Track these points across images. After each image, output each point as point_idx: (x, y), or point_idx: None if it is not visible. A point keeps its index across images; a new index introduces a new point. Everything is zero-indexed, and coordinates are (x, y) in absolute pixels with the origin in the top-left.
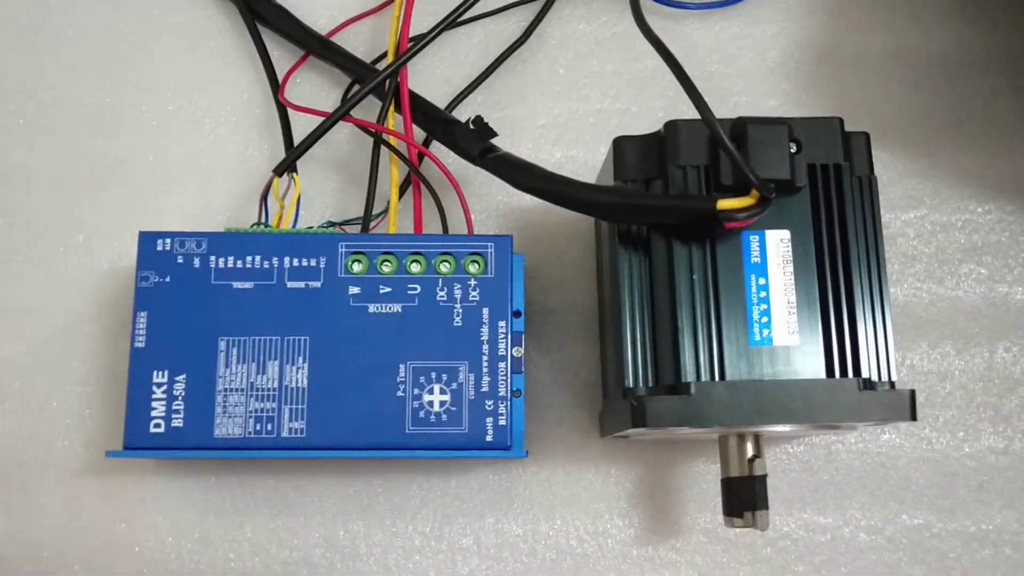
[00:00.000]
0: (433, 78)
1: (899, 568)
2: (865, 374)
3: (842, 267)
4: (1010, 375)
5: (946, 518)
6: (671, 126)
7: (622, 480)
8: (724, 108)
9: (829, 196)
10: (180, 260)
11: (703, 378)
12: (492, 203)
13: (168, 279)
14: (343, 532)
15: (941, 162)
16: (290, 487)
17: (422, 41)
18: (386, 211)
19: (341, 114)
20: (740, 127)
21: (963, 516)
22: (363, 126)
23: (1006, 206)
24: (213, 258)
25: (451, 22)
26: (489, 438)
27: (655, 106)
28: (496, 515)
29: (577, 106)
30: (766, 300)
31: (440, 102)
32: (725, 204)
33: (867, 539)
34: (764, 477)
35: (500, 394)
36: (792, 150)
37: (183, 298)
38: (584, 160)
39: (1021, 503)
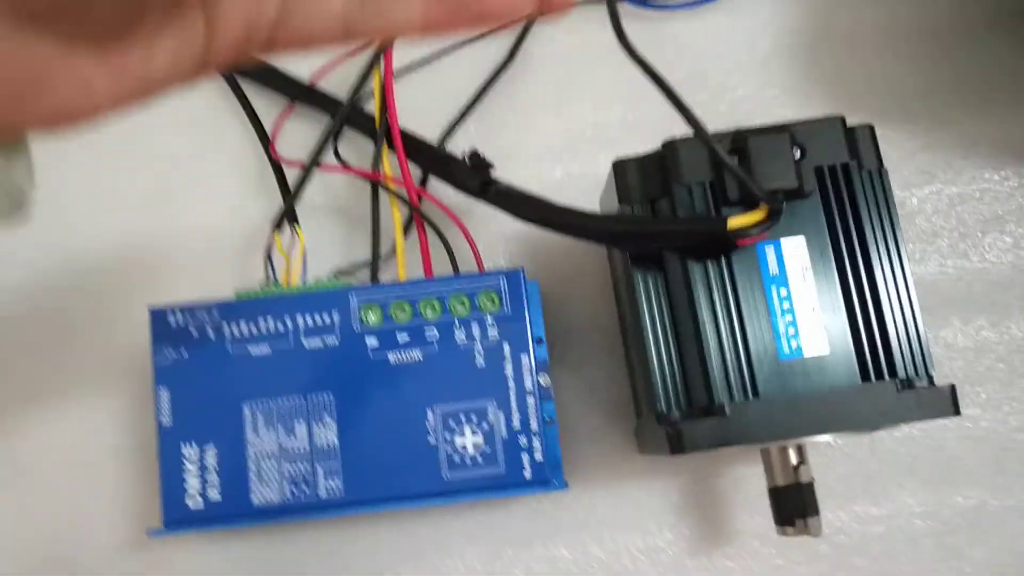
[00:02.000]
0: (423, 111)
1: (960, 551)
2: (901, 374)
3: (863, 266)
4: None
5: (1002, 495)
6: (670, 146)
7: (667, 492)
8: (723, 104)
9: (840, 197)
10: (194, 333)
11: (736, 397)
12: (500, 229)
13: (185, 353)
14: None
15: (950, 133)
16: (336, 540)
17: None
18: (393, 252)
19: (315, 157)
20: (740, 140)
21: (1019, 490)
22: (358, 174)
23: (1023, 169)
24: (227, 326)
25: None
26: (527, 475)
27: (652, 111)
28: (544, 543)
29: (573, 120)
30: (790, 311)
31: (432, 135)
32: (735, 222)
33: (923, 525)
34: (811, 483)
35: (532, 429)
36: (796, 156)
37: (202, 370)
38: (586, 175)
39: None
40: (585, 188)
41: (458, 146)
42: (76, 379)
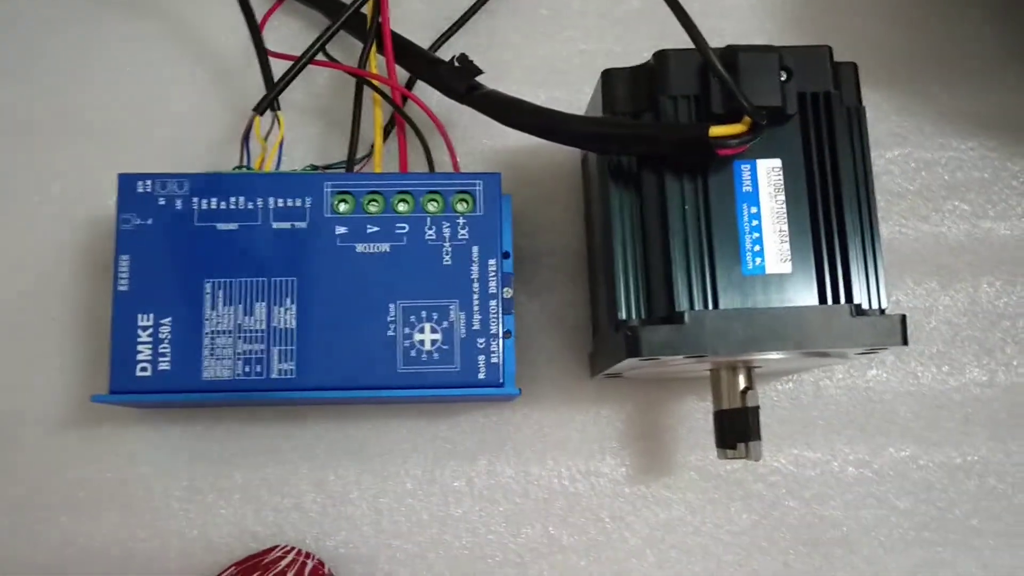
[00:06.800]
0: (414, 21)
1: (887, 500)
2: (857, 300)
3: (833, 195)
4: (994, 309)
5: (932, 450)
6: (661, 55)
7: (613, 420)
8: None
9: (819, 124)
10: (162, 202)
11: (696, 307)
12: (477, 145)
13: (150, 221)
14: (334, 477)
15: (925, 99)
16: (279, 434)
17: None
18: (370, 154)
19: (319, 47)
20: (730, 55)
21: (949, 448)
22: (345, 70)
23: (988, 142)
24: (196, 200)
25: None
26: (481, 376)
27: (640, 46)
28: (488, 457)
29: (561, 47)
30: (758, 229)
31: (422, 45)
32: (718, 131)
33: (855, 472)
34: (757, 408)
35: (492, 332)
36: (782, 78)
37: (166, 240)
38: (569, 101)
39: (1005, 435)
40: None
41: (447, 58)
42: (32, 246)
